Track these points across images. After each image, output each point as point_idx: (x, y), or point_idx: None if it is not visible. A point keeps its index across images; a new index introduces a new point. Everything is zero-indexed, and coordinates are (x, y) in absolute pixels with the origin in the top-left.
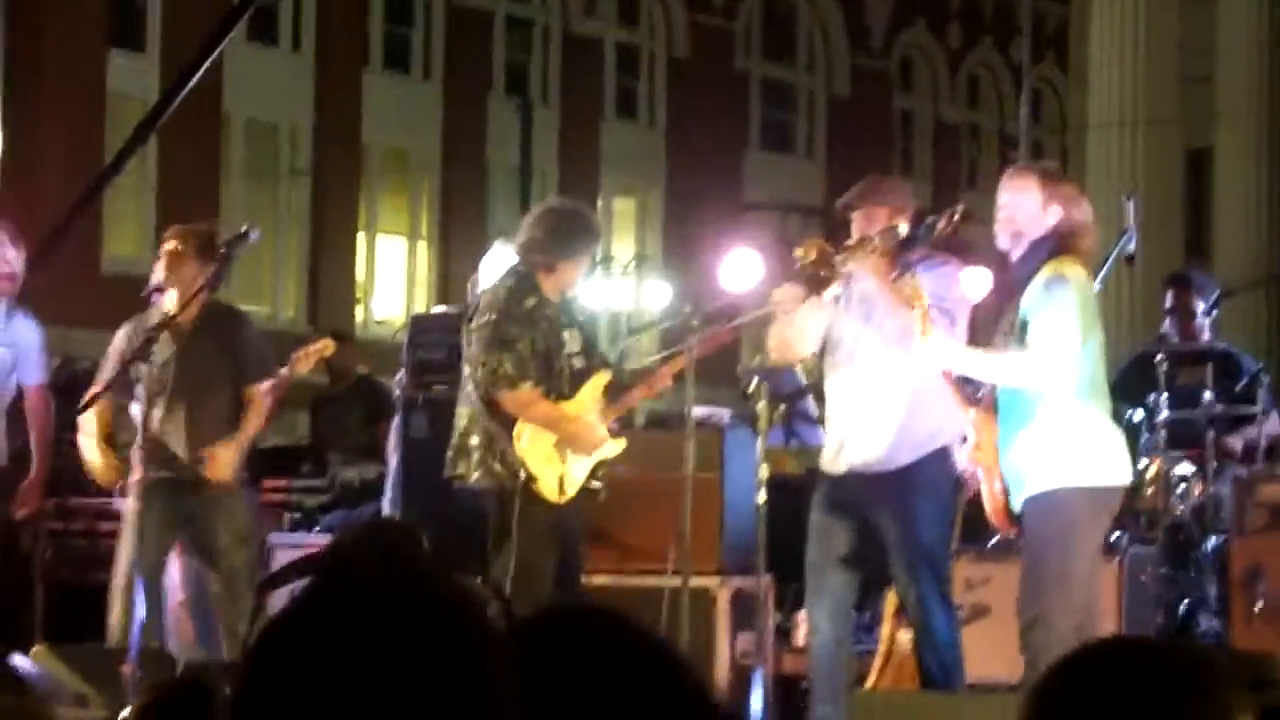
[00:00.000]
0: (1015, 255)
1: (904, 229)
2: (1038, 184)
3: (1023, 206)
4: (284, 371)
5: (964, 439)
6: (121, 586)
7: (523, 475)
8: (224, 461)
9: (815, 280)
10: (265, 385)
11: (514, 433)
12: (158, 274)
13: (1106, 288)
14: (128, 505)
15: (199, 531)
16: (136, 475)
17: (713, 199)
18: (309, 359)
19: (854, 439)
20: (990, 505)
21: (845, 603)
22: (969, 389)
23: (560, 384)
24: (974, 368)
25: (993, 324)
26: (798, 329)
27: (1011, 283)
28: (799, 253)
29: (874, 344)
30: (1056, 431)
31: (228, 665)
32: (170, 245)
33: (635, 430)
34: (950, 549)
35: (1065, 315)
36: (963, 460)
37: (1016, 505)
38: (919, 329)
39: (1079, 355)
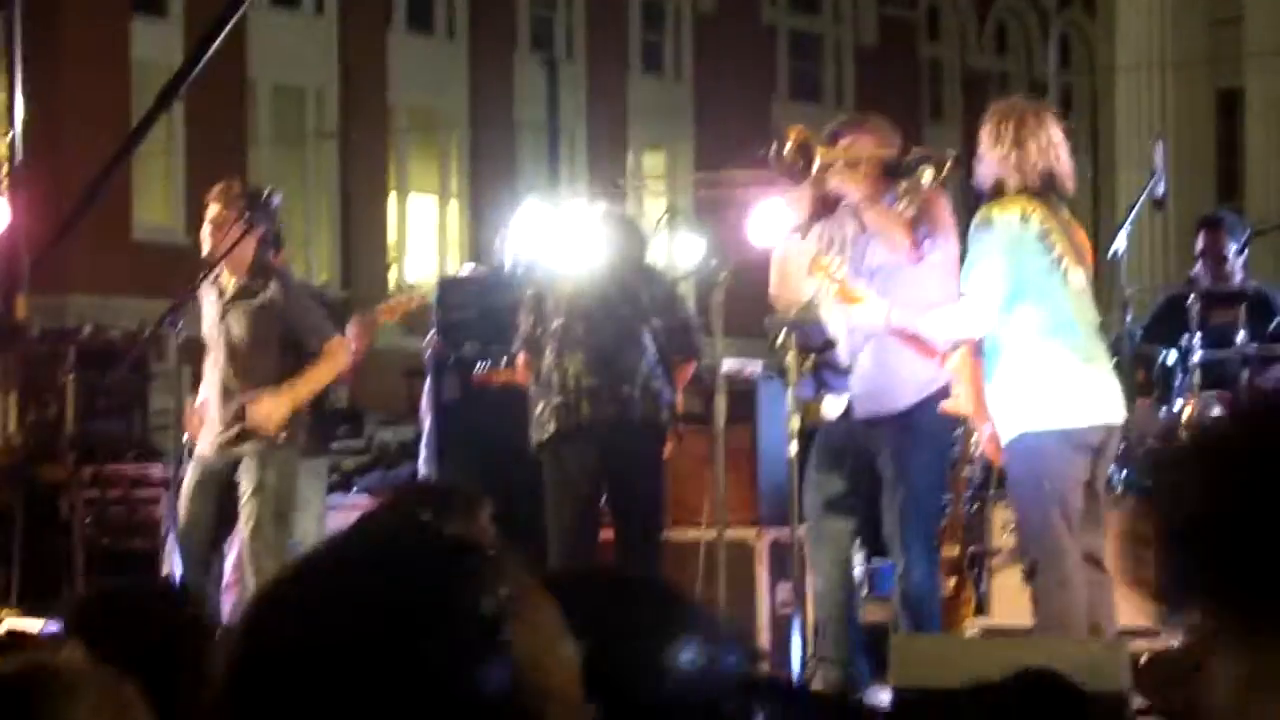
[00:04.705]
0: None
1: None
2: (983, 136)
3: (979, 165)
4: (372, 317)
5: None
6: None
7: None
8: (266, 411)
9: (792, 172)
10: (345, 336)
11: None
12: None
13: (1136, 230)
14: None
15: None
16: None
17: (742, 151)
18: (397, 309)
19: (854, 382)
20: (985, 449)
21: (846, 548)
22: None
23: None
24: (917, 327)
25: None
26: (794, 273)
27: None
28: (781, 141)
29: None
30: (1022, 375)
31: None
32: (214, 210)
33: None
34: (944, 496)
35: (984, 260)
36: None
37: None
38: (845, 295)
39: (1015, 295)
